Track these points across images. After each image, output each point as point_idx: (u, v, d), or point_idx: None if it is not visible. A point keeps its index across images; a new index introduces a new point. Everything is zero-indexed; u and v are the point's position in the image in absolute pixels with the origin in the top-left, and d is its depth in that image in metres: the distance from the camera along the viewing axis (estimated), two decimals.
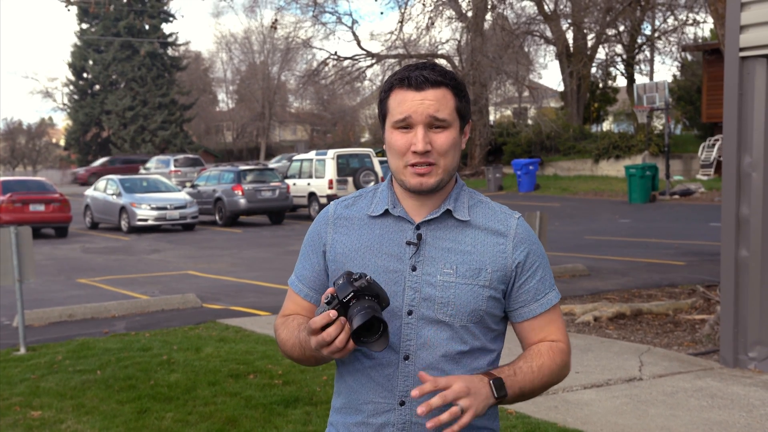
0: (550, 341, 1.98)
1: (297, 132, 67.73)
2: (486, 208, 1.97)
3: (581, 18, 35.18)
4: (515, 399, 1.88)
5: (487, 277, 1.90)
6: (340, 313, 1.75)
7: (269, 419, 5.43)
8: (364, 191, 2.03)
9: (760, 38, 6.31)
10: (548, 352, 1.95)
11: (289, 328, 1.98)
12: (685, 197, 25.35)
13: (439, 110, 1.86)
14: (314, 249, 2.01)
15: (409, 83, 1.87)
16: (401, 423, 1.88)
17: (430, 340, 1.87)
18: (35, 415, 5.63)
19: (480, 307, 1.89)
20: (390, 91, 1.90)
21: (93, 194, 23.36)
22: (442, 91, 1.87)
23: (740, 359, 6.53)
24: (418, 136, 1.85)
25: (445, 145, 1.87)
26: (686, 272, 11.89)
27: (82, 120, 53.57)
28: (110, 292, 11.45)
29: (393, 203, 1.94)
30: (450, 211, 1.93)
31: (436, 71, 1.88)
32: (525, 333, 1.98)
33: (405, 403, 1.88)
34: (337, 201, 2.05)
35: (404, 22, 28.28)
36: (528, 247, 1.94)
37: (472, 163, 36.23)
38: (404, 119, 1.86)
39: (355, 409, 1.93)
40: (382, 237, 1.93)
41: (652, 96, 29.07)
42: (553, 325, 1.98)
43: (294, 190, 24.43)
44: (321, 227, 2.01)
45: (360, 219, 1.97)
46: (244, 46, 59.53)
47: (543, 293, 1.96)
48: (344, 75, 36.25)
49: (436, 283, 1.88)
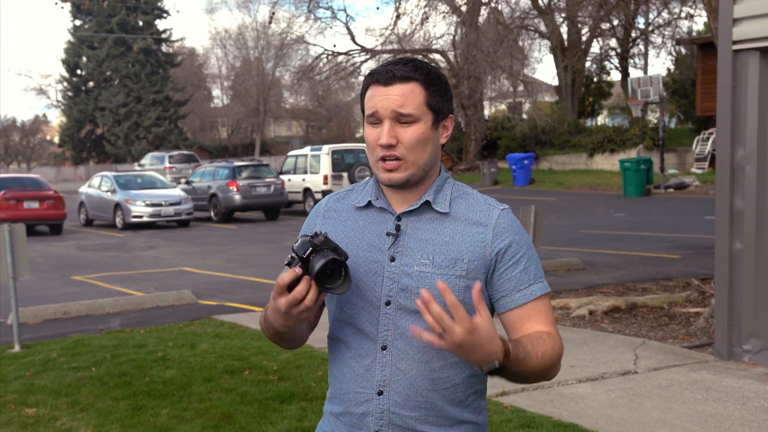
0: (542, 332, 1.91)
1: (292, 128, 67.68)
2: (470, 199, 1.97)
3: (575, 12, 35.18)
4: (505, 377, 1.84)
5: (464, 267, 1.89)
6: (304, 271, 1.78)
7: (264, 415, 5.42)
8: (357, 185, 2.07)
9: (753, 31, 6.31)
10: (549, 340, 1.88)
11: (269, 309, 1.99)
12: (680, 191, 25.39)
13: (403, 105, 1.87)
14: None
15: (378, 79, 1.90)
16: (379, 412, 1.89)
17: (407, 331, 1.87)
18: (30, 412, 5.63)
19: (457, 298, 1.86)
20: (367, 88, 1.94)
21: (87, 191, 23.32)
22: (410, 86, 1.88)
23: (735, 352, 6.54)
24: (383, 130, 1.88)
25: (412, 139, 1.88)
26: (681, 265, 11.91)
27: (76, 117, 53.45)
28: (105, 289, 11.43)
29: (376, 195, 1.97)
30: (429, 203, 1.94)
31: (408, 66, 1.89)
32: (509, 325, 1.94)
33: (383, 393, 1.89)
34: (331, 194, 2.09)
35: (399, 16, 28.25)
36: (511, 236, 1.92)
37: (467, 158, 36.23)
38: (372, 114, 1.90)
39: (339, 399, 1.96)
40: (365, 228, 1.96)
41: (647, 90, 29.08)
42: (540, 317, 1.92)
43: (289, 185, 24.41)
44: (312, 220, 2.06)
45: (347, 210, 2.01)
46: (239, 42, 59.46)
47: (526, 284, 1.92)
48: (339, 70, 36.20)
49: (412, 274, 1.89)
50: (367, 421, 1.90)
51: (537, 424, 5.08)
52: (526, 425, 5.07)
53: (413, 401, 1.88)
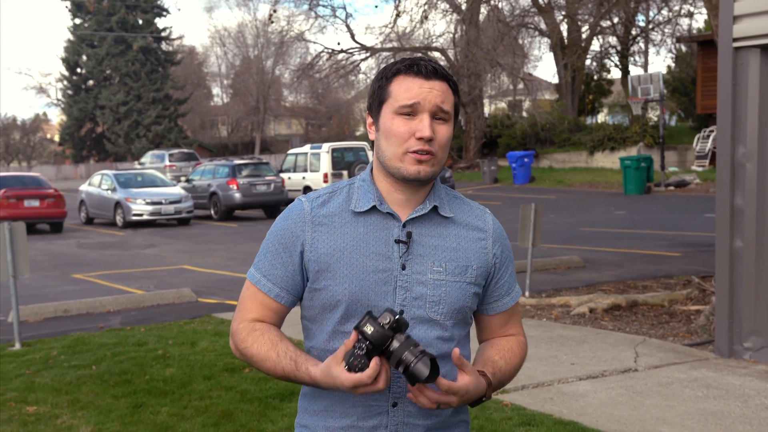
0: (512, 335, 2.04)
1: (292, 126, 67.64)
2: (462, 203, 1.99)
3: (575, 10, 35.17)
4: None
5: (473, 274, 1.91)
6: (374, 353, 1.70)
7: (264, 413, 5.42)
8: (337, 186, 1.96)
9: (753, 28, 6.30)
10: (518, 350, 2.01)
11: (263, 346, 1.87)
12: (680, 188, 25.38)
13: (444, 102, 1.86)
14: (287, 248, 1.91)
15: (419, 70, 1.85)
16: (394, 424, 1.87)
17: (421, 340, 1.85)
18: (30, 410, 5.62)
19: (466, 304, 1.91)
20: (394, 77, 1.86)
21: (88, 189, 23.31)
22: (446, 86, 1.87)
23: (735, 349, 6.54)
24: (424, 122, 1.83)
25: (445, 137, 1.87)
26: (681, 263, 11.90)
27: (76, 115, 53.41)
28: (105, 287, 11.43)
29: (379, 199, 1.89)
30: (436, 207, 1.91)
31: (439, 66, 1.89)
32: (492, 326, 2.03)
33: (397, 405, 1.86)
34: (309, 197, 1.94)
35: (399, 14, 28.23)
36: (502, 242, 1.99)
37: (467, 156, 36.22)
38: (411, 105, 1.83)
39: (342, 412, 1.88)
40: (368, 235, 1.87)
41: (647, 87, 29.07)
42: (515, 318, 2.06)
43: (289, 184, 24.40)
44: (295, 225, 1.90)
45: (340, 216, 1.89)
46: (238, 40, 59.41)
47: (512, 287, 2.02)
48: (339, 68, 36.19)
49: (426, 282, 1.87)
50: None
51: (537, 422, 5.07)
52: (526, 423, 5.07)
53: (426, 410, 1.86)
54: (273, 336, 1.89)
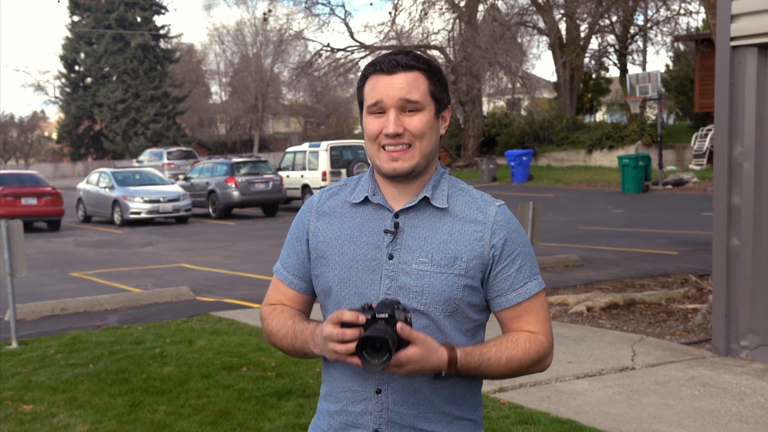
0: (529, 332, 1.94)
1: (290, 124, 67.65)
2: (467, 196, 1.95)
3: (574, 8, 35.17)
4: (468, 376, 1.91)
5: (463, 266, 1.88)
6: (367, 325, 1.73)
7: (262, 411, 5.42)
8: (349, 180, 2.03)
9: (751, 27, 6.30)
10: (525, 344, 1.91)
11: (279, 319, 1.99)
12: (678, 187, 25.40)
13: (410, 92, 1.86)
14: (298, 237, 2.03)
15: (381, 68, 1.88)
16: (378, 411, 1.89)
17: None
18: (27, 409, 5.62)
19: (455, 296, 1.88)
20: (366, 79, 1.91)
21: (85, 187, 23.30)
22: (414, 75, 1.87)
23: (732, 348, 6.55)
24: (389, 119, 1.86)
25: (420, 126, 1.87)
26: (679, 262, 11.91)
27: (74, 113, 53.38)
28: (103, 286, 11.42)
29: (373, 191, 1.94)
30: (428, 199, 1.92)
31: (409, 56, 1.89)
32: (504, 322, 1.97)
33: (381, 391, 1.88)
34: (323, 190, 2.05)
35: (397, 12, 28.24)
36: (506, 233, 1.91)
37: (466, 154, 36.22)
38: (376, 103, 1.87)
39: (335, 397, 1.95)
40: (362, 225, 1.93)
41: (645, 86, 29.07)
42: (532, 316, 1.94)
43: (287, 182, 24.40)
44: (305, 216, 2.02)
45: (342, 207, 1.98)
46: (237, 38, 59.41)
47: (521, 283, 1.92)
48: (337, 67, 36.17)
49: (411, 272, 1.87)
50: (365, 420, 1.90)
51: (534, 420, 5.08)
52: (523, 421, 5.07)
53: (412, 399, 1.88)
54: (290, 312, 2.02)
